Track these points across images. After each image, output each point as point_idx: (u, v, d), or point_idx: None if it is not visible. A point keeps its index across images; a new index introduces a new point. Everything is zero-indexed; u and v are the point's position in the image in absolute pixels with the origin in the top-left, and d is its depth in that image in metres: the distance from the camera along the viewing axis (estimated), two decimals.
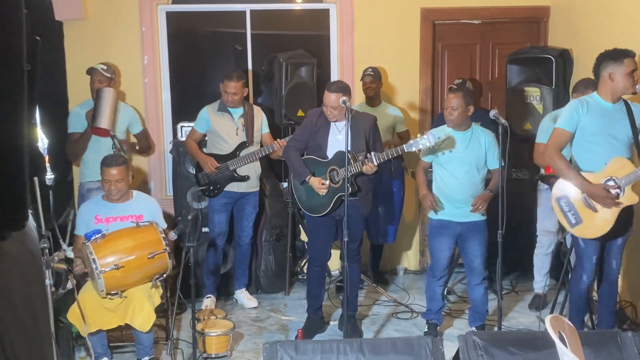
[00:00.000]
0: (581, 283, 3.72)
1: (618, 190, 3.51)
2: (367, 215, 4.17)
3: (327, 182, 3.95)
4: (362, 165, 3.81)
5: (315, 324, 4.32)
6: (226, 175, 4.60)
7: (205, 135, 4.73)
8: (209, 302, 4.74)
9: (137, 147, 5.09)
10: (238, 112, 4.66)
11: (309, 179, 3.98)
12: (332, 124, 4.00)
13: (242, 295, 4.89)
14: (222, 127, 4.62)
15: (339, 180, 3.92)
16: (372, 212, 5.11)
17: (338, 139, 3.96)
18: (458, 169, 3.93)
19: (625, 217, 3.62)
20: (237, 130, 4.63)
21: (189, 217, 3.70)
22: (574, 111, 3.60)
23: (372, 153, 3.82)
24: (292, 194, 4.40)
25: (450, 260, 4.16)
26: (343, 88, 3.92)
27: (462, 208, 3.94)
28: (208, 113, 4.65)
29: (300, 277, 5.32)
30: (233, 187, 4.65)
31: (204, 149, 4.73)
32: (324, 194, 3.96)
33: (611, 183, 3.52)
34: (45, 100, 4.11)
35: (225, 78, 4.58)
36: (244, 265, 4.89)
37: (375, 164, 3.80)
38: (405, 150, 3.80)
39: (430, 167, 4.09)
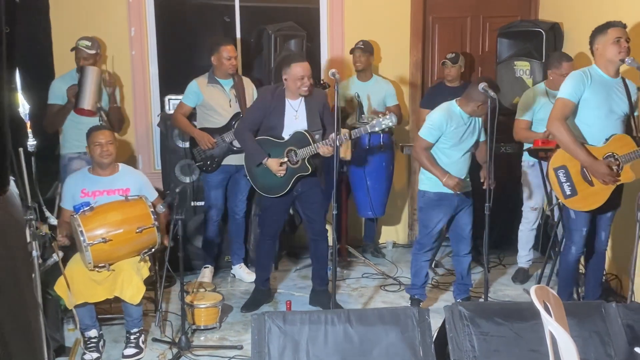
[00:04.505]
0: (570, 255, 3.76)
1: (617, 168, 3.54)
2: (325, 189, 4.13)
3: (285, 161, 3.91)
4: (320, 147, 3.79)
5: (263, 294, 4.34)
6: (223, 148, 4.53)
7: (193, 109, 4.65)
8: (207, 272, 4.76)
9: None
10: (229, 83, 4.59)
11: (267, 161, 3.92)
12: (287, 103, 3.93)
13: (241, 270, 4.87)
14: (215, 99, 4.55)
15: (298, 160, 3.89)
16: (361, 186, 5.16)
17: (294, 119, 3.93)
18: (465, 148, 3.93)
19: (616, 193, 3.66)
20: (230, 101, 4.56)
21: (177, 190, 3.68)
22: (579, 82, 3.56)
23: (334, 134, 3.71)
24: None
25: (440, 233, 4.18)
26: (305, 56, 3.88)
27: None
28: (198, 86, 4.55)
29: (287, 251, 5.34)
30: (230, 160, 4.58)
31: (194, 123, 4.63)
32: (282, 175, 3.92)
33: (611, 160, 3.55)
34: (30, 68, 4.05)
35: (221, 44, 4.49)
36: (239, 239, 4.86)
37: (338, 144, 3.71)
38: (369, 131, 3.76)
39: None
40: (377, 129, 3.77)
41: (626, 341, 2.84)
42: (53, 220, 2.88)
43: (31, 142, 2.58)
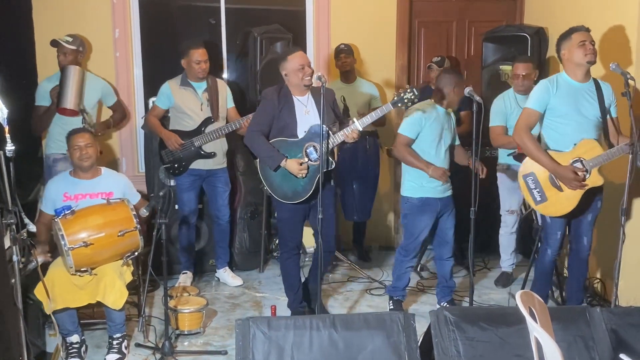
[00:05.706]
0: (546, 257, 3.83)
1: (585, 173, 3.56)
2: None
3: (306, 160, 3.68)
4: (345, 133, 3.63)
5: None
6: (191, 152, 4.50)
7: (167, 112, 4.61)
8: (184, 278, 4.71)
9: (112, 120, 4.93)
10: (201, 86, 4.54)
11: (286, 162, 3.69)
12: (295, 100, 3.75)
13: (226, 274, 4.85)
14: (186, 102, 4.50)
15: (319, 157, 3.60)
16: (347, 189, 5.16)
17: (307, 115, 3.74)
18: (443, 146, 3.96)
19: (593, 195, 3.67)
20: (202, 105, 4.52)
21: (160, 194, 3.64)
22: (544, 91, 3.62)
23: (355, 118, 3.68)
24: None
25: (425, 239, 4.17)
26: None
27: (442, 185, 3.97)
28: (170, 88, 4.51)
29: (275, 254, 5.30)
30: (199, 164, 4.55)
31: (168, 127, 4.60)
32: (303, 175, 3.68)
33: (578, 165, 3.57)
34: (11, 70, 3.99)
35: (191, 48, 4.45)
36: (224, 244, 4.83)
37: (360, 128, 3.65)
38: (392, 108, 3.69)
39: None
40: (399, 104, 3.67)
41: (610, 346, 2.85)
42: (32, 227, 2.84)
43: (9, 147, 2.53)
